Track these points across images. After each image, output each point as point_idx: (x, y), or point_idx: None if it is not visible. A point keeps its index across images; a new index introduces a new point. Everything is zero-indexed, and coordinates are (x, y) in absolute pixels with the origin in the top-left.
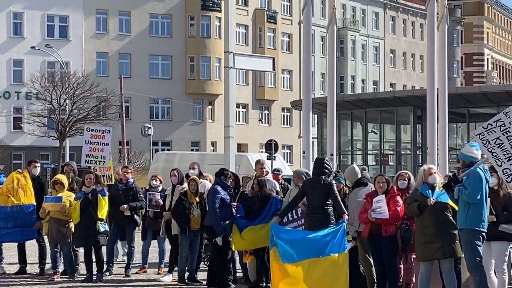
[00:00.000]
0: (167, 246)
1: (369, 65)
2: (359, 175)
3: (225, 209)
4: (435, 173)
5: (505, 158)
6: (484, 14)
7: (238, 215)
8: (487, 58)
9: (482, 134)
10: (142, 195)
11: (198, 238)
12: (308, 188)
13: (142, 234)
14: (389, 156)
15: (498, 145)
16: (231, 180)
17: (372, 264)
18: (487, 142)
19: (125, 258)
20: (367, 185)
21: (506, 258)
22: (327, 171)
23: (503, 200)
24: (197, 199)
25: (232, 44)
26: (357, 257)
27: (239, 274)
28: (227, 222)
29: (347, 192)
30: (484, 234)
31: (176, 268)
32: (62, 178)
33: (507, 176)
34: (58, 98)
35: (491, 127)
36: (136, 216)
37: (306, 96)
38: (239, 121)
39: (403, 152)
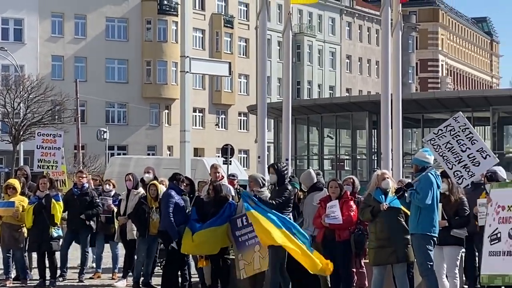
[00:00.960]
0: (120, 251)
1: (326, 70)
2: (315, 180)
3: (179, 213)
4: (388, 178)
5: (455, 161)
6: (438, 20)
7: (192, 218)
8: (442, 64)
9: (433, 139)
10: (98, 200)
11: (156, 243)
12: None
13: (92, 239)
14: (345, 161)
15: (448, 149)
16: (184, 185)
17: None
18: (438, 147)
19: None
20: (322, 190)
21: (458, 263)
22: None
23: (455, 205)
24: (157, 203)
25: (188, 48)
26: None
27: (195, 279)
28: (181, 226)
29: (301, 197)
30: (435, 238)
31: (130, 273)
32: (15, 182)
33: (458, 178)
34: (12, 102)
35: (442, 132)
36: (91, 222)
37: (261, 101)
38: (195, 126)
39: (358, 157)
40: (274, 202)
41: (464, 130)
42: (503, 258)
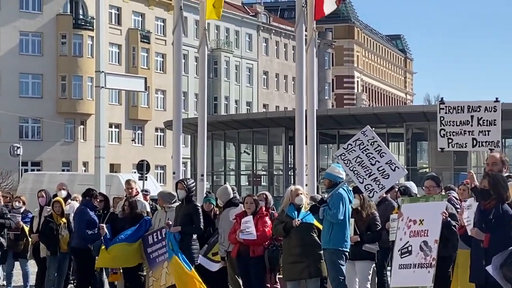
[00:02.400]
0: (32, 268)
1: (243, 86)
2: (231, 195)
3: (93, 230)
4: (301, 194)
5: (366, 175)
6: (354, 37)
7: (107, 236)
8: (357, 81)
9: (344, 154)
10: (9, 219)
11: (67, 260)
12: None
13: (2, 256)
14: (262, 176)
15: (358, 163)
16: (98, 201)
17: (241, 284)
18: (349, 162)
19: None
20: (238, 206)
21: (370, 277)
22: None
23: (367, 220)
24: (64, 220)
25: (103, 63)
26: (226, 277)
27: None
28: (97, 243)
29: (217, 212)
30: (347, 254)
31: None
32: None
33: (369, 192)
34: None
35: (351, 147)
36: (1, 239)
37: (176, 117)
38: (112, 141)
39: (275, 173)
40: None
41: (372, 143)
42: (413, 271)
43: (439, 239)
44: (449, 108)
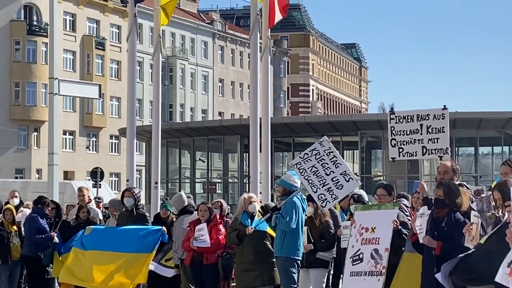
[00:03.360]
0: None
1: (198, 94)
2: (186, 203)
3: (44, 238)
4: (255, 201)
5: (320, 185)
6: (309, 46)
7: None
8: (313, 89)
9: (299, 163)
10: None
11: (18, 268)
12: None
13: None
14: (217, 184)
15: (313, 173)
16: (49, 209)
17: None
18: (304, 171)
19: None
20: (193, 213)
21: (324, 285)
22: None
23: (320, 228)
24: (15, 227)
25: (57, 70)
26: (179, 285)
27: None
28: (47, 251)
29: (174, 219)
30: (299, 262)
31: None
32: None
33: (322, 201)
34: None
35: (307, 156)
36: None
37: (130, 124)
38: (66, 148)
39: (230, 181)
40: None
41: (328, 153)
42: (364, 278)
43: (390, 247)
44: (399, 118)
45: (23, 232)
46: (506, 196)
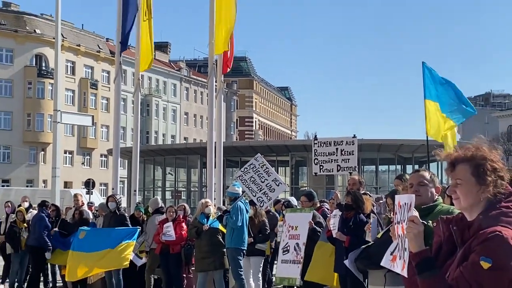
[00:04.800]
0: (0, 262)
1: (169, 123)
2: (159, 205)
3: (48, 234)
4: (210, 205)
5: (257, 190)
6: (253, 88)
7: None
8: (255, 121)
9: (241, 175)
10: None
11: (27, 256)
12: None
13: None
14: (182, 192)
15: (252, 181)
16: (51, 210)
17: (152, 278)
18: (245, 181)
19: None
20: (163, 214)
21: (260, 269)
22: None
23: (258, 226)
24: (25, 224)
25: (60, 104)
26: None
27: (60, 284)
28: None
29: (145, 219)
30: (244, 251)
31: (8, 280)
32: None
33: (260, 202)
34: None
35: (247, 169)
36: None
37: (115, 146)
38: (66, 164)
39: (192, 189)
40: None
41: (262, 166)
42: (289, 265)
43: (307, 240)
44: (320, 143)
45: (31, 228)
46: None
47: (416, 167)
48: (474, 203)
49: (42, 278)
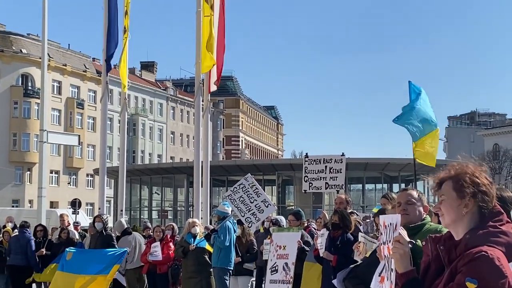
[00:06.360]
0: None
1: (155, 143)
2: (125, 226)
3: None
4: (197, 225)
5: (246, 210)
6: (240, 107)
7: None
8: (242, 140)
9: (230, 195)
10: None
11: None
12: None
13: None
14: (168, 211)
15: (241, 201)
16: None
17: None
18: (234, 200)
19: None
20: (131, 233)
21: None
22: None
23: (246, 245)
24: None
25: (46, 123)
26: None
27: None
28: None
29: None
30: (231, 271)
31: None
32: None
33: (248, 223)
34: None
35: (236, 189)
36: None
37: (102, 165)
38: (52, 184)
39: (179, 209)
40: None
41: (252, 186)
42: (278, 286)
43: (296, 260)
44: (311, 160)
45: (12, 248)
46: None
47: (403, 185)
48: (457, 218)
49: None
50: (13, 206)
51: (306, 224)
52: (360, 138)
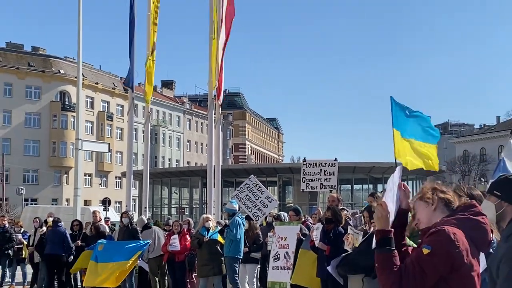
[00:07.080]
0: (28, 270)
1: (174, 150)
2: (145, 222)
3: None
4: (210, 220)
5: (252, 206)
6: (246, 119)
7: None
8: (248, 147)
9: (237, 194)
10: (14, 237)
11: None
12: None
13: (9, 262)
14: (185, 208)
15: (247, 199)
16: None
17: (157, 280)
18: (241, 198)
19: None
20: (151, 228)
21: (255, 275)
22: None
23: (253, 237)
24: None
25: (81, 133)
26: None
27: None
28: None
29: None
30: (240, 259)
31: (35, 286)
32: None
33: (255, 217)
34: None
35: (242, 188)
36: (10, 251)
37: (128, 169)
38: (86, 185)
39: (194, 206)
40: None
41: (255, 185)
42: (280, 271)
43: (295, 250)
44: (308, 164)
45: (48, 239)
46: (371, 216)
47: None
48: (430, 215)
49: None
50: (52, 204)
51: (303, 219)
52: (349, 145)
